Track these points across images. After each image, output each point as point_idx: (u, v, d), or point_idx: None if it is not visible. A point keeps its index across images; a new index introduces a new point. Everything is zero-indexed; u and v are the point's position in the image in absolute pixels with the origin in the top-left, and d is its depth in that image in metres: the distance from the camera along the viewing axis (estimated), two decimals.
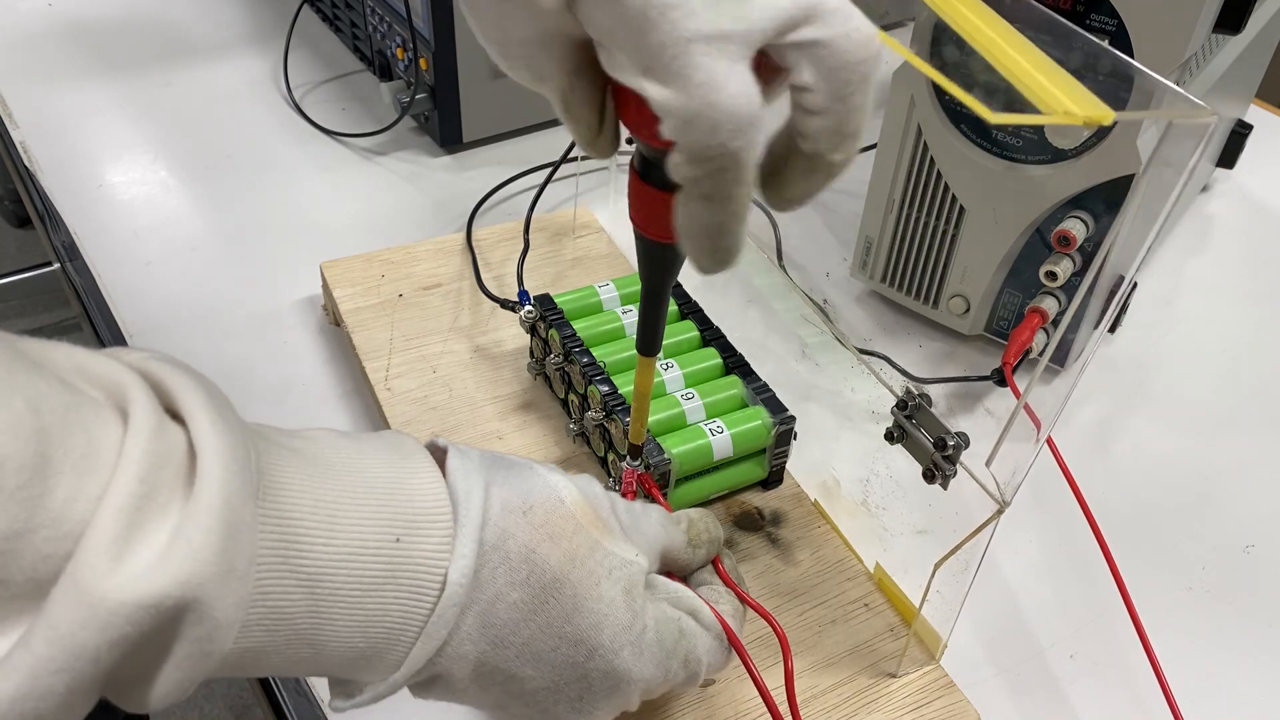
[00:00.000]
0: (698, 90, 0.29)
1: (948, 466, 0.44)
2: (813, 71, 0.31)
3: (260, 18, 0.98)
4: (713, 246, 0.34)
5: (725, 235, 0.33)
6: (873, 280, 0.70)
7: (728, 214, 0.32)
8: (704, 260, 0.34)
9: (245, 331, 0.67)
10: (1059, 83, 0.34)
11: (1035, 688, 0.52)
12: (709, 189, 0.31)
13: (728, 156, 0.30)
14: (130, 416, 0.27)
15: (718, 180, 0.31)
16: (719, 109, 0.29)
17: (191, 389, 0.29)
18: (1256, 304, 0.75)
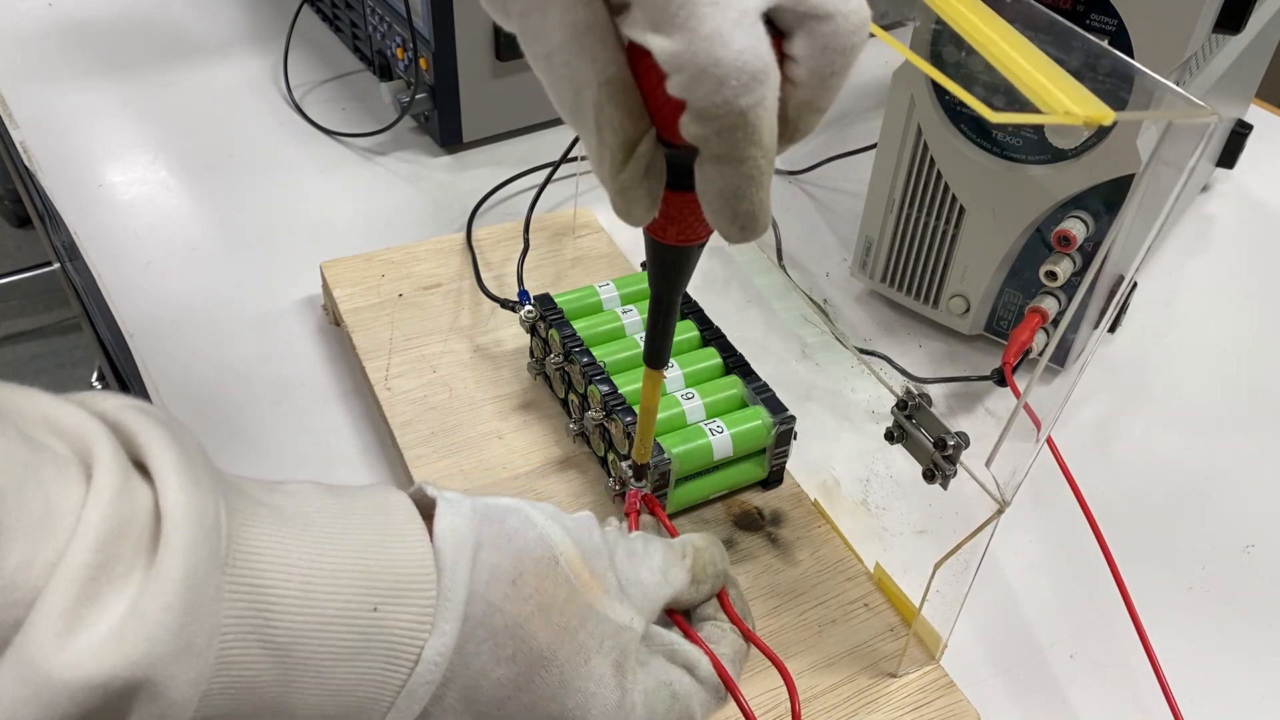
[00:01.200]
0: (704, 43, 0.28)
1: (948, 466, 0.44)
2: (805, 44, 0.30)
3: (260, 17, 0.98)
4: (732, 212, 0.32)
5: (742, 200, 0.32)
6: (873, 280, 0.70)
7: (741, 176, 0.31)
8: (726, 228, 0.33)
9: (245, 331, 0.67)
10: (1059, 83, 0.34)
11: (1035, 688, 0.52)
12: (719, 149, 0.30)
13: (736, 114, 0.29)
14: (94, 476, 0.26)
15: (728, 140, 0.30)
16: (725, 64, 0.28)
17: (163, 444, 0.28)
18: (1256, 304, 0.75)
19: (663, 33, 0.29)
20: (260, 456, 0.59)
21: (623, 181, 0.33)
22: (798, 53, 0.31)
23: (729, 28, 0.28)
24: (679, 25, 0.29)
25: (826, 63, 0.31)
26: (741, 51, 0.28)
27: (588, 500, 0.56)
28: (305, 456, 0.59)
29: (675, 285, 0.40)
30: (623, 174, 0.33)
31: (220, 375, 0.64)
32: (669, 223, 0.36)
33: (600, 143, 0.32)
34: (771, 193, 0.33)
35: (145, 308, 0.68)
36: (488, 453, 0.58)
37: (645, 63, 0.31)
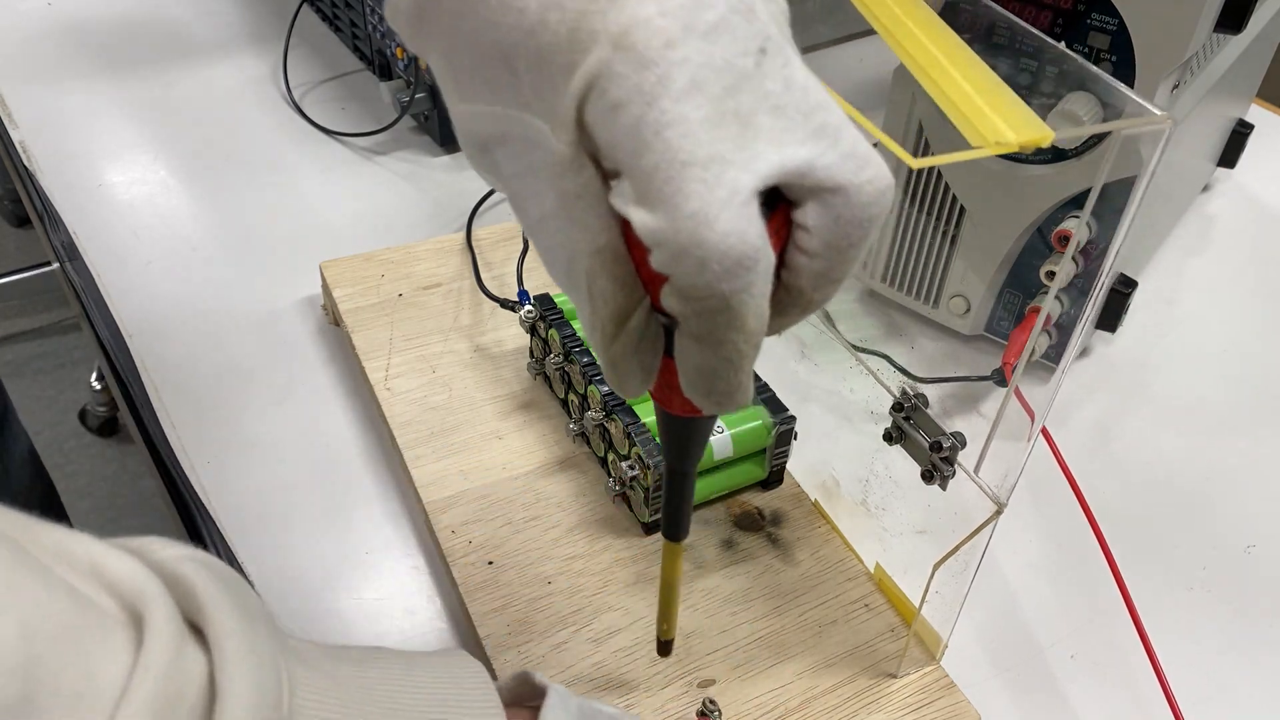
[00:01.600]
0: (686, 221, 0.26)
1: (945, 468, 0.44)
2: (818, 215, 0.28)
3: (260, 18, 0.98)
4: (707, 389, 0.31)
5: (719, 380, 0.30)
6: (873, 280, 0.70)
7: (719, 359, 0.29)
8: (701, 401, 0.32)
9: (245, 331, 0.67)
10: (998, 104, 0.32)
11: (1035, 688, 0.52)
12: (698, 329, 0.29)
13: (717, 298, 0.27)
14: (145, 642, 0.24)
15: (708, 322, 0.28)
16: (706, 245, 0.26)
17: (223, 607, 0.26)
18: (1257, 303, 0.75)
19: (646, 206, 0.27)
20: (260, 457, 0.59)
21: (614, 354, 0.31)
22: (810, 224, 0.28)
23: (716, 207, 0.26)
24: (663, 200, 0.26)
25: (840, 235, 0.28)
26: (727, 235, 0.26)
27: (588, 500, 0.56)
28: (305, 456, 0.59)
29: (688, 456, 0.38)
30: (614, 345, 0.31)
31: (220, 375, 0.64)
32: (674, 393, 0.33)
33: (593, 312, 0.31)
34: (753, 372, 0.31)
35: (145, 308, 0.68)
36: (488, 453, 0.58)
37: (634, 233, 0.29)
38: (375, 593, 0.53)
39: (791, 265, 0.29)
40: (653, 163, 0.26)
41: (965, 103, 0.32)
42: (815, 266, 0.29)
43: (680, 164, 0.26)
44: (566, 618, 0.50)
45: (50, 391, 1.77)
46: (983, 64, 0.35)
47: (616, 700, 0.47)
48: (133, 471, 1.67)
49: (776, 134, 0.27)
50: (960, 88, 0.33)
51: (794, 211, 0.29)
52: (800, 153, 0.27)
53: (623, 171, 0.28)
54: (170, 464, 0.59)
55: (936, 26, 0.36)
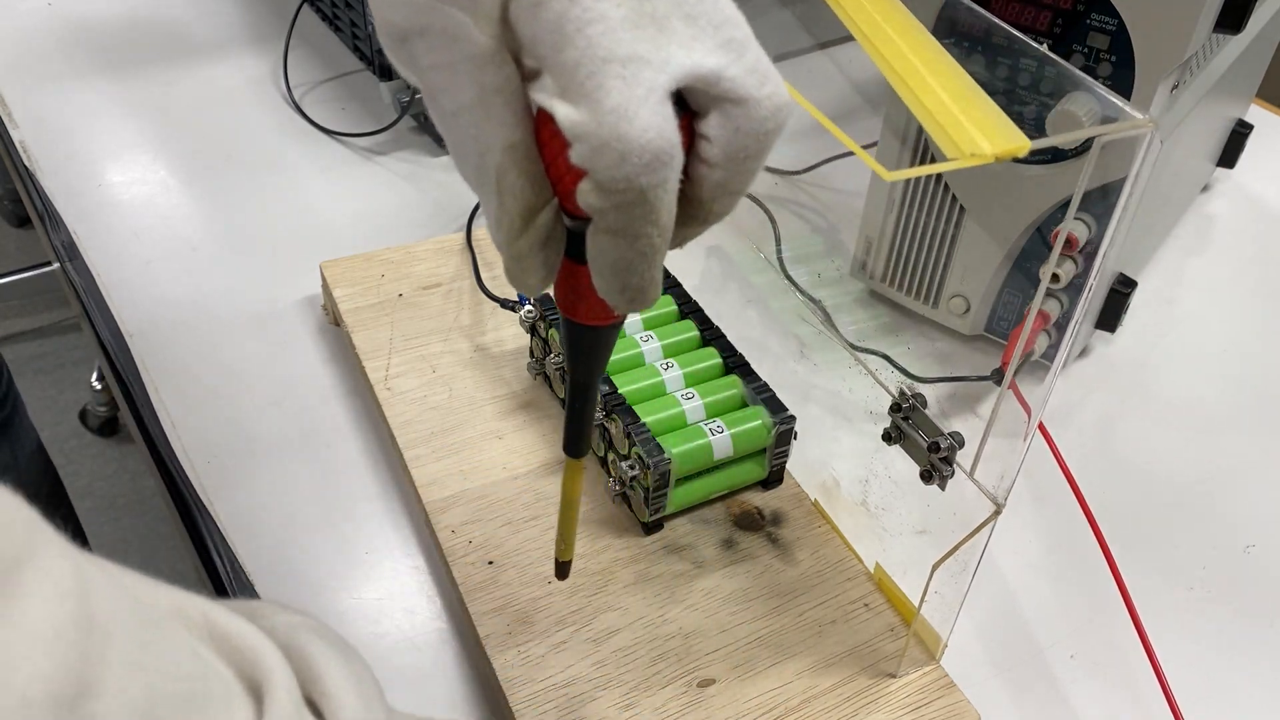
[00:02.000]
0: (608, 116, 0.28)
1: (944, 468, 0.44)
2: (719, 126, 0.30)
3: (260, 18, 0.98)
4: (622, 284, 0.32)
5: (633, 274, 0.31)
6: (873, 280, 0.70)
7: (635, 252, 0.30)
8: (614, 298, 0.32)
9: (245, 331, 0.67)
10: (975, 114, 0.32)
11: (1035, 688, 0.52)
12: (615, 223, 0.30)
13: (634, 191, 0.29)
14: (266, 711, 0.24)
15: (625, 215, 0.29)
16: (627, 139, 0.28)
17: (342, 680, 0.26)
18: (1257, 303, 0.75)
19: (569, 100, 0.28)
20: (260, 456, 0.59)
21: (519, 249, 0.32)
22: (711, 134, 0.30)
23: (635, 103, 0.28)
24: (585, 95, 0.28)
25: (740, 147, 0.30)
26: (646, 129, 0.28)
27: (588, 500, 0.56)
28: (305, 457, 0.59)
29: (592, 368, 0.38)
30: (519, 241, 0.32)
31: (220, 375, 0.64)
32: (579, 300, 0.34)
33: (500, 207, 0.32)
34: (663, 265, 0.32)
35: (145, 307, 0.68)
36: (488, 453, 0.58)
37: (550, 130, 0.30)
38: (375, 593, 0.53)
39: (693, 176, 0.31)
40: (574, 58, 0.28)
41: (941, 113, 0.32)
42: (715, 176, 0.31)
43: (601, 60, 0.28)
44: (566, 618, 0.50)
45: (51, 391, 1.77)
46: (962, 71, 0.35)
47: (616, 700, 0.47)
48: (133, 471, 1.67)
49: (688, 40, 0.29)
50: (937, 97, 0.33)
51: (696, 122, 0.30)
52: (710, 60, 0.29)
53: (544, 68, 0.29)
54: (170, 464, 0.59)
55: (916, 31, 0.36)
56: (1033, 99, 0.58)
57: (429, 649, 0.51)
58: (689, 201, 0.31)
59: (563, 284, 0.35)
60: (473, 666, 0.50)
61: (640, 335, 0.59)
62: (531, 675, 0.48)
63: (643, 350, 0.58)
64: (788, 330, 0.69)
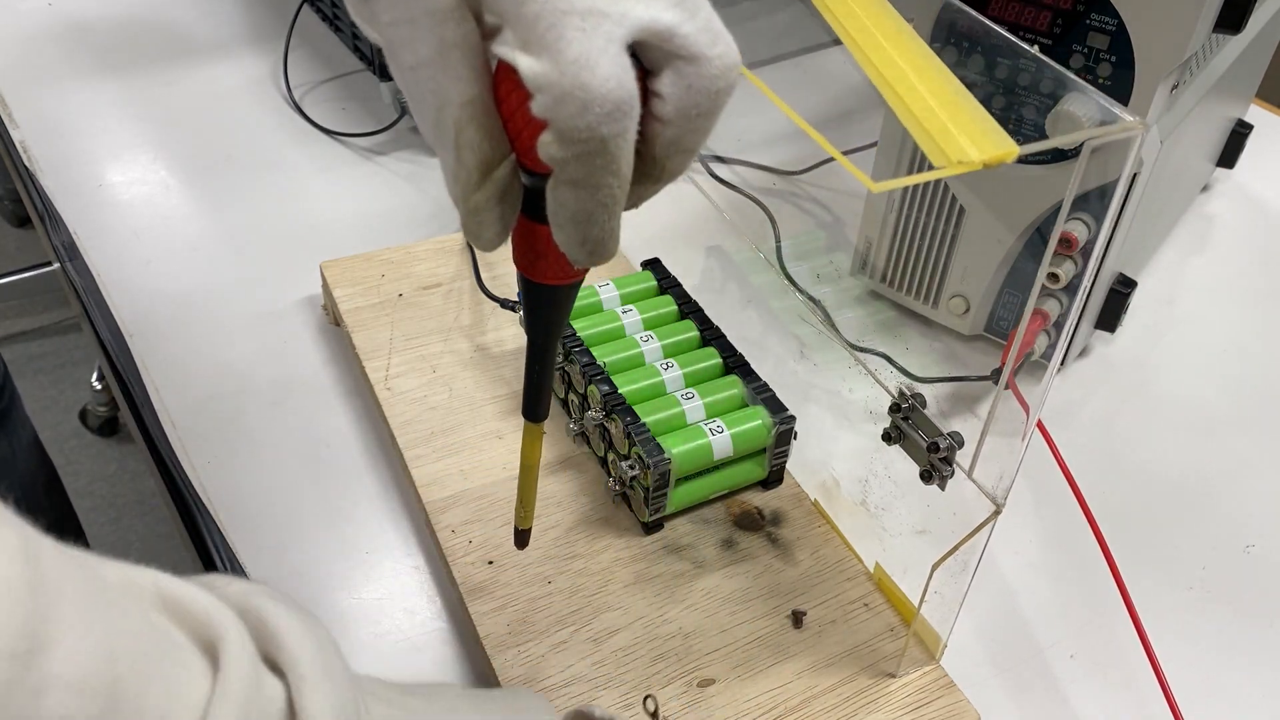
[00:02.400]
0: (569, 66, 0.28)
1: (944, 468, 0.44)
2: (672, 83, 0.31)
3: (260, 17, 0.98)
4: (583, 236, 0.32)
5: (594, 225, 0.32)
6: (873, 280, 0.70)
7: (596, 203, 0.31)
8: (576, 251, 0.33)
9: (245, 331, 0.67)
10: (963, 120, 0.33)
11: (1035, 688, 0.52)
12: (577, 173, 0.30)
13: (596, 141, 0.29)
14: (221, 668, 0.25)
15: (586, 166, 0.30)
16: (589, 89, 0.29)
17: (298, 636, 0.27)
18: (1257, 303, 0.75)
19: (531, 53, 0.29)
20: (260, 456, 0.59)
21: (475, 202, 0.33)
22: (664, 91, 0.31)
23: (596, 54, 0.29)
24: (546, 47, 0.29)
25: (692, 103, 0.31)
26: (607, 79, 0.29)
27: (588, 500, 0.56)
28: (305, 456, 0.59)
29: (550, 329, 0.38)
30: (476, 195, 0.33)
31: (220, 375, 0.64)
32: (538, 258, 0.35)
33: (458, 162, 0.32)
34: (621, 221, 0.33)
35: (145, 307, 0.68)
36: (488, 453, 0.58)
37: (508, 85, 0.31)
38: (375, 593, 0.53)
39: (648, 134, 0.32)
40: (535, 11, 0.29)
41: (929, 119, 0.33)
42: (669, 134, 0.31)
43: (561, 12, 0.29)
44: (566, 617, 0.50)
45: (51, 391, 1.77)
46: (951, 75, 0.35)
47: (616, 700, 0.47)
48: (133, 471, 1.67)
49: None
50: (925, 103, 0.33)
51: (651, 80, 0.31)
52: (665, 16, 0.30)
53: (505, 22, 0.30)
54: (170, 464, 0.59)
55: (905, 36, 0.36)
56: (1033, 99, 0.58)
57: (429, 649, 0.51)
58: (644, 159, 0.32)
59: (521, 243, 0.35)
60: (473, 666, 0.50)
61: (640, 335, 0.59)
62: (531, 675, 0.48)
63: (643, 350, 0.58)
64: (788, 330, 0.69)
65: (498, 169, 0.32)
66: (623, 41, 0.29)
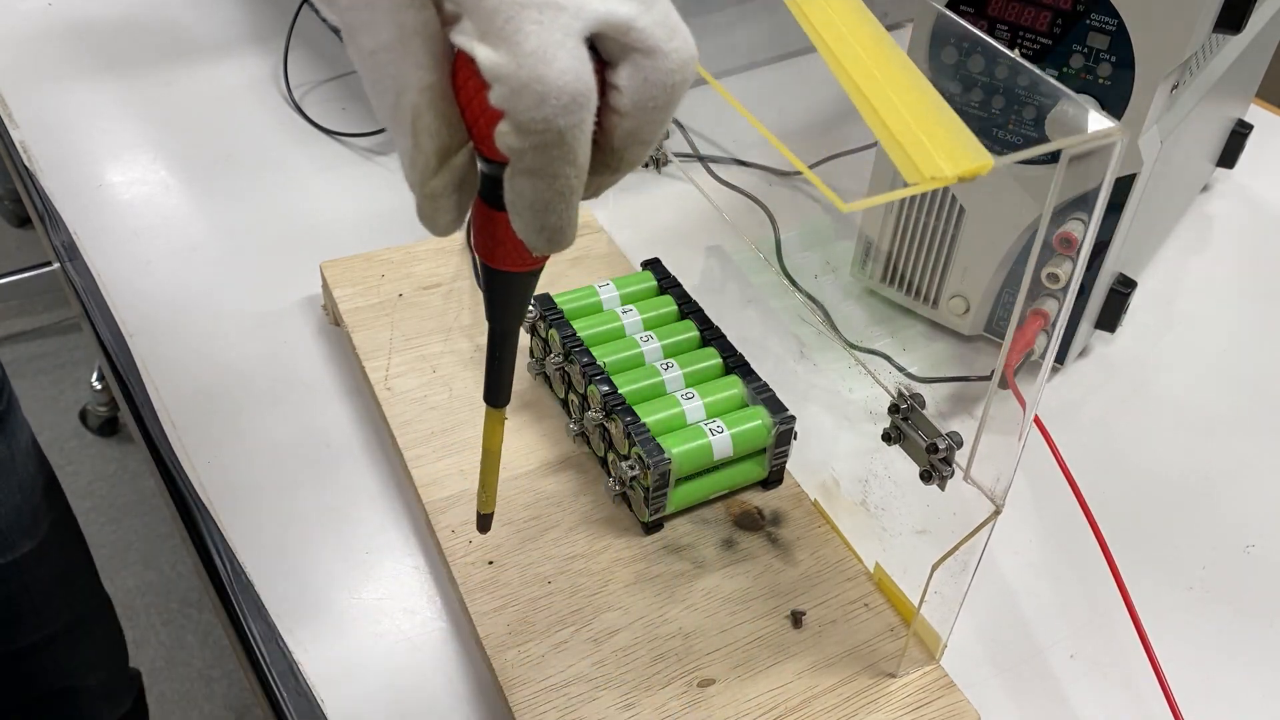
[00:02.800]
0: (527, 58, 0.29)
1: (943, 468, 0.44)
2: (629, 76, 0.31)
3: (260, 18, 0.98)
4: (540, 224, 0.33)
5: (551, 213, 0.32)
6: (873, 280, 0.70)
7: (553, 192, 0.32)
8: (534, 239, 0.33)
9: (245, 331, 0.67)
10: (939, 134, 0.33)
11: (1035, 688, 0.52)
12: (534, 164, 0.31)
13: (553, 133, 0.30)
14: None
15: (543, 156, 0.31)
16: (546, 81, 0.29)
17: None
18: (1257, 304, 0.75)
19: (488, 43, 0.29)
20: (260, 456, 0.59)
21: (432, 188, 0.33)
22: (621, 83, 0.31)
23: (553, 47, 0.29)
24: (505, 38, 0.29)
25: (648, 96, 0.31)
26: (564, 71, 0.29)
27: (588, 500, 0.56)
28: (305, 457, 0.59)
29: (511, 316, 0.39)
30: (433, 181, 0.33)
31: (220, 375, 0.64)
32: (497, 244, 0.35)
33: (415, 147, 0.32)
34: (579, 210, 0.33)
35: (145, 308, 0.68)
36: None
37: (467, 73, 0.31)
38: (375, 593, 0.53)
39: (605, 125, 0.32)
40: (493, 3, 0.29)
41: (903, 133, 0.33)
42: (626, 125, 0.32)
43: (519, 5, 0.29)
44: (566, 618, 0.50)
45: (51, 391, 1.77)
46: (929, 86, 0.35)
47: (616, 700, 0.47)
48: (133, 471, 1.67)
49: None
50: (899, 116, 0.33)
51: (608, 72, 0.31)
52: (621, 9, 0.30)
53: (464, 11, 0.30)
54: (170, 464, 0.59)
55: (884, 44, 0.36)
56: (1033, 100, 0.58)
57: (429, 649, 0.51)
58: (602, 150, 0.33)
59: (480, 230, 0.35)
60: (473, 666, 0.50)
61: (640, 335, 0.59)
62: (531, 675, 0.48)
63: (643, 350, 0.58)
64: (788, 330, 0.69)
65: (455, 156, 0.33)
66: (580, 34, 0.30)
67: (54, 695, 0.93)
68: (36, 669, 0.89)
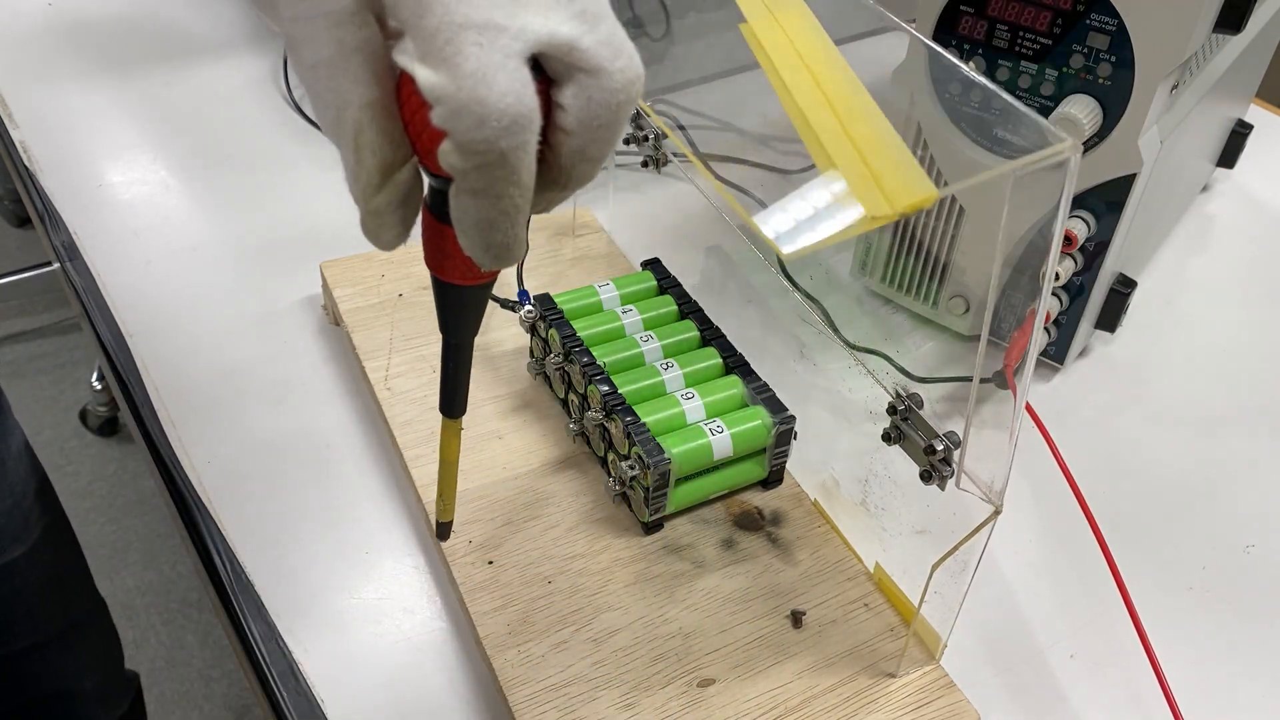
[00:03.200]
0: (466, 80, 0.29)
1: (944, 468, 0.44)
2: (573, 94, 0.31)
3: (260, 18, 0.98)
4: (486, 242, 0.33)
5: (496, 231, 0.32)
6: (873, 280, 0.70)
7: (498, 211, 0.32)
8: (479, 255, 0.33)
9: (245, 331, 0.67)
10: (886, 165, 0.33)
11: (1035, 688, 0.52)
12: (477, 183, 0.31)
13: (495, 154, 0.30)
14: None
15: (486, 176, 0.31)
16: (486, 103, 0.29)
17: None
18: (1257, 304, 0.75)
19: (429, 65, 0.29)
20: (260, 457, 0.59)
21: (376, 204, 0.33)
22: (566, 102, 0.31)
23: (493, 69, 0.29)
24: (444, 60, 0.29)
25: (593, 115, 0.31)
26: (505, 94, 0.29)
27: (588, 500, 0.56)
28: (305, 456, 0.59)
29: (463, 327, 0.38)
30: (377, 198, 0.33)
31: (220, 375, 0.64)
32: (445, 258, 0.35)
33: (358, 163, 0.33)
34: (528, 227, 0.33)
35: (145, 308, 0.68)
36: (488, 453, 0.58)
37: (410, 89, 0.31)
38: (375, 593, 0.53)
39: (552, 143, 0.32)
40: (433, 24, 0.29)
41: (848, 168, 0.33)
42: (573, 144, 0.32)
43: (458, 26, 0.29)
44: (566, 617, 0.50)
45: (51, 391, 1.77)
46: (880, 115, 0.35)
47: (616, 700, 0.47)
48: (133, 471, 1.67)
49: (543, 10, 0.30)
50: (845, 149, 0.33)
51: (554, 90, 0.31)
52: (563, 30, 0.30)
53: (406, 31, 0.30)
54: (170, 464, 0.59)
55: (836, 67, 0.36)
56: (1034, 101, 0.58)
57: (429, 649, 0.51)
58: (549, 168, 0.32)
59: (429, 243, 0.35)
60: (473, 666, 0.50)
61: (640, 335, 0.59)
62: (531, 675, 0.48)
63: (643, 350, 0.58)
64: (788, 330, 0.69)
65: (399, 171, 0.33)
66: (521, 55, 0.30)
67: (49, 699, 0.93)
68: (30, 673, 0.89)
